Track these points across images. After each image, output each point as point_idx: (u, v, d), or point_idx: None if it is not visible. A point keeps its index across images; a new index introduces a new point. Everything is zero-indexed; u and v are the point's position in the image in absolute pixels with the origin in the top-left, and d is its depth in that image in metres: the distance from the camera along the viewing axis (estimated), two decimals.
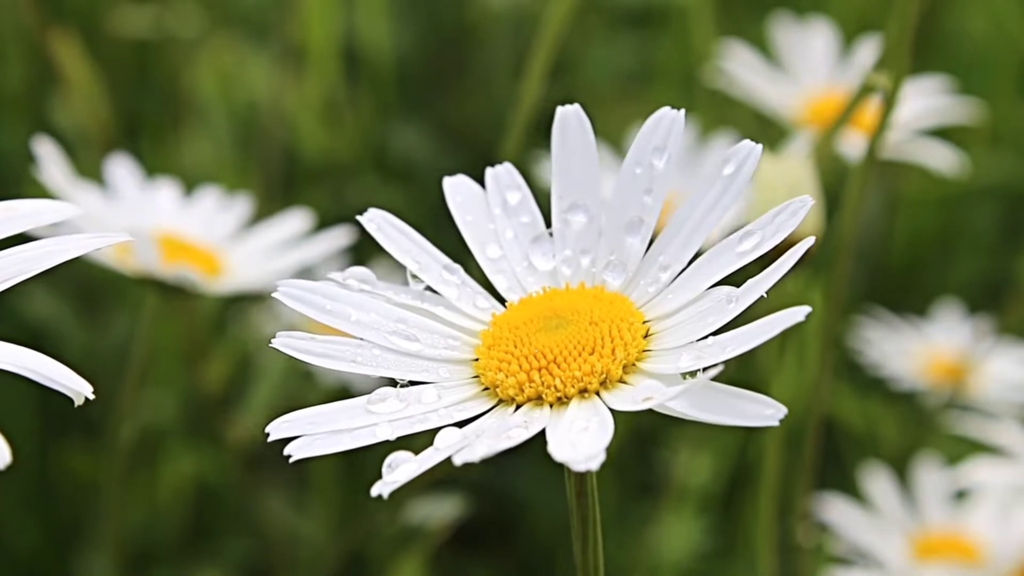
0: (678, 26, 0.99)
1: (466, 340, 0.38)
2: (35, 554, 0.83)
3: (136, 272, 0.63)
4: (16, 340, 0.34)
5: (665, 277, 0.37)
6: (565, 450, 0.32)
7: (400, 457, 0.33)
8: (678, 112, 0.39)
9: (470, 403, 0.36)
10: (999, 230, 1.03)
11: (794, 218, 0.36)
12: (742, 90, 0.83)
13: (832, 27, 0.88)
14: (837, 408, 0.86)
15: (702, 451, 0.83)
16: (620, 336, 0.36)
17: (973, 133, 0.96)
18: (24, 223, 0.37)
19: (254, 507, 0.80)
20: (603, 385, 0.35)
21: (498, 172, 0.41)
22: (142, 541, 0.82)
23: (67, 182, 0.65)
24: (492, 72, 1.02)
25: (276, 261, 0.69)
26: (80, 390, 0.33)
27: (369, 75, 0.98)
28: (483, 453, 0.32)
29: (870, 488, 0.76)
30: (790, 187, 0.53)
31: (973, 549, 0.74)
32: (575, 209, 0.40)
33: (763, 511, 0.60)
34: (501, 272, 0.40)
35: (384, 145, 0.98)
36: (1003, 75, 1.04)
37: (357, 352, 0.37)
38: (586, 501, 0.36)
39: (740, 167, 0.37)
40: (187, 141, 0.93)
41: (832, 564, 0.73)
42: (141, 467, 0.82)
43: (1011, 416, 0.83)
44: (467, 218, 0.40)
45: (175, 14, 0.95)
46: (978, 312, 0.92)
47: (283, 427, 0.35)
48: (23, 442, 0.82)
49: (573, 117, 0.40)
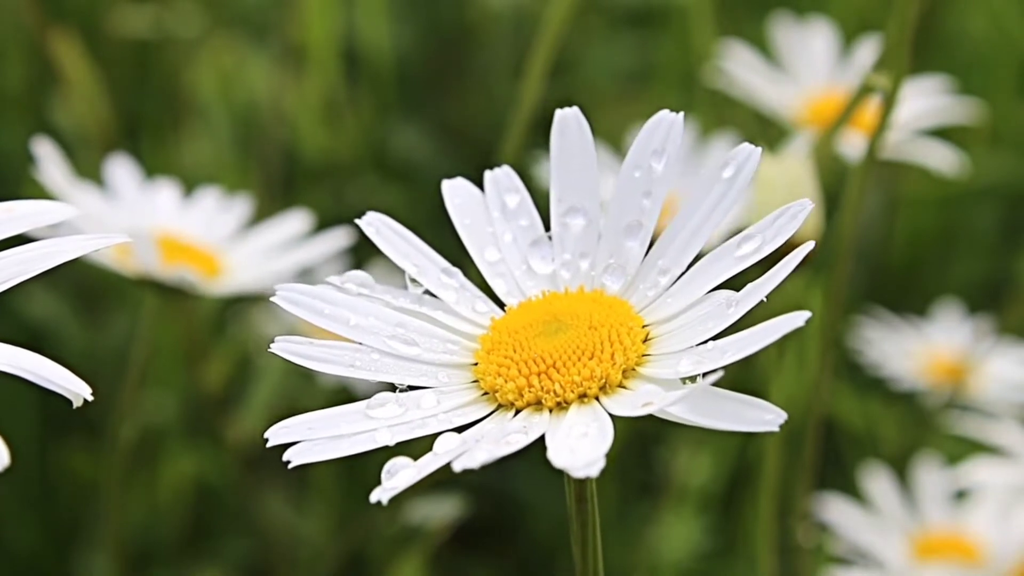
0: (678, 26, 0.99)
1: (465, 344, 0.38)
2: (35, 554, 0.83)
3: (136, 273, 0.63)
4: (16, 340, 0.34)
5: (664, 281, 0.37)
6: (564, 456, 0.32)
7: (399, 463, 0.33)
8: (677, 115, 0.39)
9: (469, 408, 0.36)
10: (999, 230, 1.03)
11: (793, 222, 0.35)
12: (742, 90, 0.83)
13: (832, 27, 0.88)
14: (837, 408, 0.86)
15: (702, 451, 0.83)
16: (619, 341, 0.36)
17: (973, 133, 0.95)
18: (23, 224, 0.37)
19: (254, 507, 0.80)
20: (602, 390, 0.35)
21: (496, 175, 0.41)
22: (142, 541, 0.82)
23: (66, 182, 0.65)
24: (492, 72, 1.02)
25: (276, 262, 0.69)
26: (79, 391, 0.33)
27: (369, 75, 0.98)
28: (483, 459, 0.32)
29: (870, 488, 0.76)
30: (790, 187, 0.53)
31: (973, 549, 0.74)
32: (574, 212, 0.40)
33: (763, 511, 0.60)
34: (500, 276, 0.39)
35: (384, 145, 0.98)
36: (1003, 75, 1.04)
37: (355, 356, 0.37)
38: (586, 507, 0.36)
39: (739, 170, 0.37)
40: (187, 141, 0.93)
41: (832, 564, 0.73)
42: (141, 467, 0.82)
43: (1011, 416, 0.83)
44: (465, 221, 0.40)
45: (175, 14, 0.95)
46: (978, 312, 0.91)
47: (281, 432, 0.34)
48: (23, 442, 0.82)
49: (572, 120, 0.40)
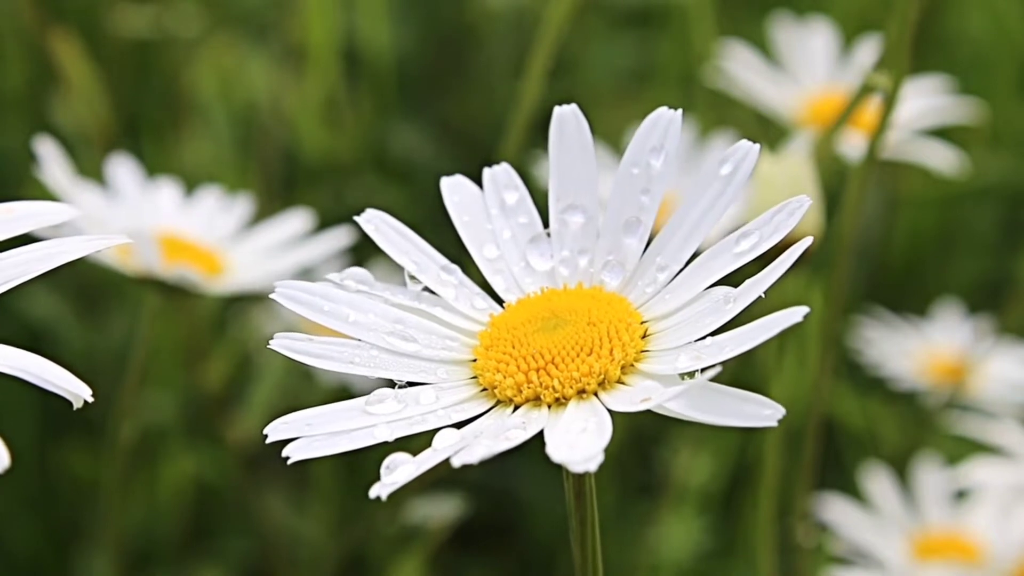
0: (678, 26, 0.99)
1: (464, 341, 0.38)
2: (35, 554, 0.83)
3: (137, 272, 0.63)
4: (17, 340, 0.34)
5: (663, 277, 0.37)
6: (563, 451, 0.32)
7: (398, 459, 0.33)
8: (675, 112, 0.39)
9: (468, 404, 0.36)
10: (999, 230, 1.03)
11: (792, 218, 0.35)
12: (742, 90, 0.83)
13: (832, 27, 0.88)
14: (837, 408, 0.86)
15: (702, 451, 0.83)
16: (618, 337, 0.36)
17: (973, 133, 0.96)
18: (25, 224, 0.37)
19: (254, 507, 0.80)
20: (601, 386, 0.35)
21: (495, 172, 0.41)
22: (142, 541, 0.82)
23: (68, 182, 0.65)
24: (492, 72, 1.02)
25: (276, 261, 0.69)
26: (78, 392, 0.33)
27: (369, 75, 0.98)
28: (481, 455, 0.32)
29: (870, 488, 0.76)
30: (790, 187, 0.53)
31: (973, 549, 0.74)
32: (573, 209, 0.40)
33: (763, 511, 0.60)
34: (499, 272, 0.40)
35: (384, 145, 0.98)
36: (1003, 75, 1.04)
37: (355, 353, 0.37)
38: (584, 502, 0.36)
39: (738, 167, 0.37)
40: (187, 141, 0.93)
41: (832, 564, 0.73)
42: (141, 467, 0.82)
43: (1011, 416, 0.83)
44: (464, 218, 0.40)
45: (175, 14, 0.95)
46: (978, 312, 0.91)
47: (281, 429, 0.34)
48: (23, 442, 0.82)
49: (570, 117, 0.40)
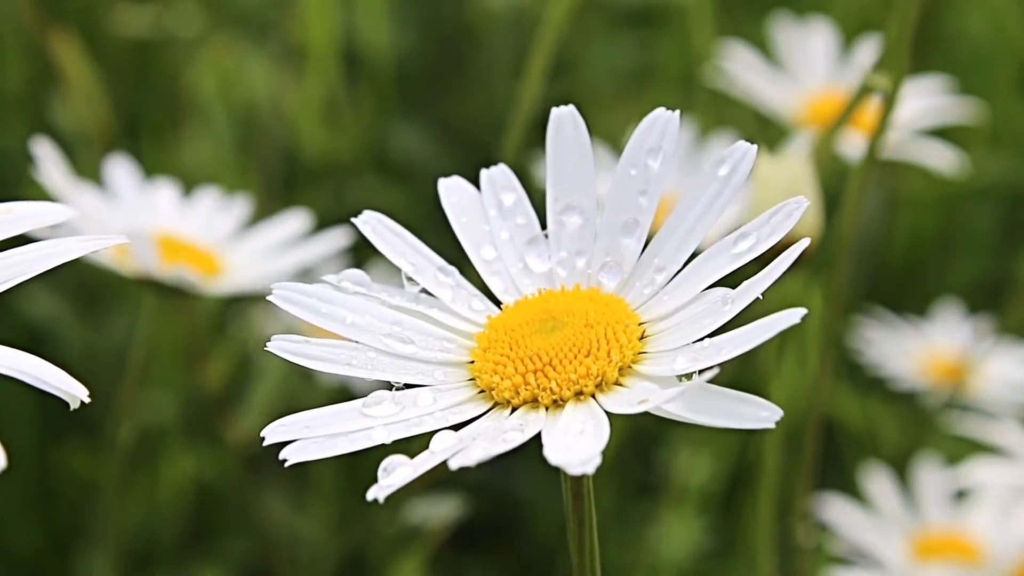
0: (678, 26, 0.99)
1: (461, 342, 0.38)
2: (35, 554, 0.83)
3: (135, 273, 0.63)
4: (16, 341, 0.34)
5: (661, 279, 0.37)
6: (561, 454, 0.32)
7: (396, 461, 0.33)
8: (673, 113, 0.38)
9: (466, 406, 0.36)
10: (999, 230, 1.03)
11: (790, 219, 0.35)
12: (742, 90, 0.83)
13: (832, 27, 0.88)
14: (837, 408, 0.86)
15: (702, 451, 0.83)
16: (616, 338, 0.36)
17: (973, 133, 0.95)
18: (23, 224, 0.37)
19: (254, 507, 0.80)
20: (599, 388, 0.35)
21: (493, 173, 0.41)
22: (142, 541, 0.82)
23: (65, 183, 0.65)
24: (492, 72, 1.02)
25: (276, 262, 0.69)
26: (75, 393, 0.32)
27: (369, 75, 0.98)
28: (479, 457, 0.32)
29: (870, 488, 0.76)
30: (790, 187, 0.53)
31: (973, 549, 0.74)
32: (570, 210, 0.39)
33: (763, 511, 0.60)
34: (496, 274, 0.39)
35: (384, 145, 0.98)
36: (1003, 75, 1.04)
37: (352, 355, 0.37)
38: (582, 504, 0.36)
39: (736, 168, 0.37)
40: (187, 141, 0.93)
41: (832, 564, 0.73)
42: (141, 467, 0.82)
43: (1011, 416, 0.83)
44: (462, 220, 0.40)
45: (175, 14, 0.95)
46: (978, 312, 0.91)
47: (278, 431, 0.34)
48: (23, 442, 0.82)
49: (568, 118, 0.40)
